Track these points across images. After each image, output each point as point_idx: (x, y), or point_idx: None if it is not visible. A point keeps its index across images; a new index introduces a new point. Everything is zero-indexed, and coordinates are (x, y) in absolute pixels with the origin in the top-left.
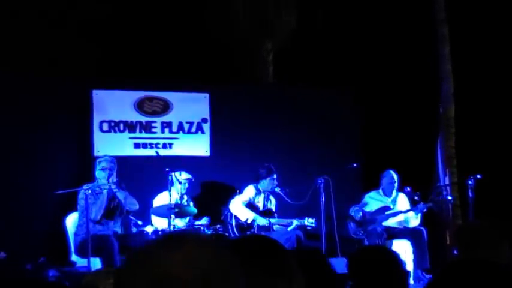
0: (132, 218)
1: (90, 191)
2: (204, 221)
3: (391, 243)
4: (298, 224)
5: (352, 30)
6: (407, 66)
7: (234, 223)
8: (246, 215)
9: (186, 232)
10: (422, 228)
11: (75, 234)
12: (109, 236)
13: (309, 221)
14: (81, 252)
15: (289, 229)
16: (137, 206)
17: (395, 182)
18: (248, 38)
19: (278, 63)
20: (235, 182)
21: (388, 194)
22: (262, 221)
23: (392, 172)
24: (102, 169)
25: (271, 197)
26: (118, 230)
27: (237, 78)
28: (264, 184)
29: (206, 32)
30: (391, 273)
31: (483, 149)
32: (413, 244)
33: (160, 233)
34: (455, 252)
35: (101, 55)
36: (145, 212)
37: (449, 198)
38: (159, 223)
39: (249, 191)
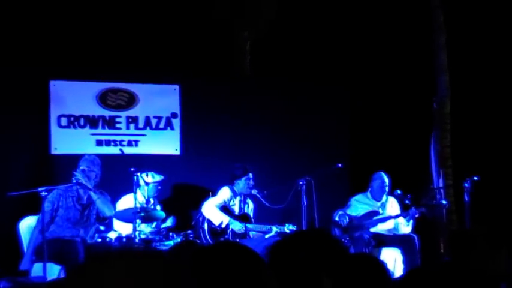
0: None
1: (61, 191)
2: (169, 222)
3: (380, 252)
4: (278, 231)
5: (339, 17)
6: (399, 58)
7: (206, 228)
8: (220, 218)
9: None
10: (414, 235)
11: (36, 238)
12: (75, 242)
13: (289, 228)
14: (40, 256)
15: (267, 236)
16: (113, 212)
17: (386, 185)
18: (223, 24)
19: (256, 53)
20: (208, 184)
21: (377, 197)
22: (237, 226)
23: (383, 174)
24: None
25: (249, 201)
26: (87, 237)
27: (211, 69)
28: (240, 185)
29: (176, 18)
30: (377, 285)
31: (481, 149)
32: (404, 252)
33: (124, 239)
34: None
35: (59, 42)
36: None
37: (444, 202)
38: (123, 228)
39: (224, 193)
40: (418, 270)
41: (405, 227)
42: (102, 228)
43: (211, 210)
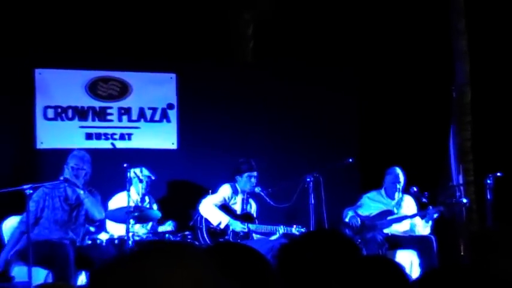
0: None
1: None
2: (168, 226)
3: (394, 254)
4: (284, 232)
5: None
6: (415, 43)
7: (204, 228)
8: (218, 217)
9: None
10: (432, 236)
11: (19, 239)
12: (64, 245)
13: (297, 229)
14: (26, 260)
15: (272, 238)
16: (103, 215)
17: (400, 182)
18: (223, 6)
19: (259, 38)
20: (207, 181)
21: (391, 195)
22: (238, 226)
23: (398, 169)
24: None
25: (251, 201)
26: (77, 239)
27: (210, 55)
28: (242, 183)
29: (172, 0)
30: None
31: (504, 142)
32: (421, 255)
33: (117, 241)
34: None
35: (45, 26)
36: None
37: (464, 200)
38: (115, 230)
39: (224, 191)
40: (435, 272)
41: (423, 229)
42: (92, 229)
43: (208, 209)
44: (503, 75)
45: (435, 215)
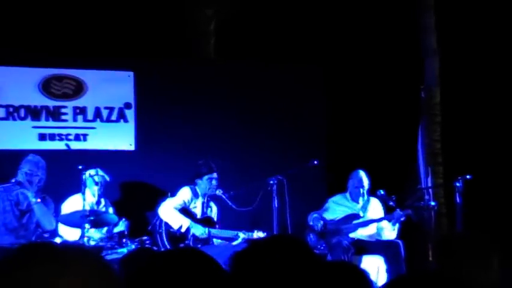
0: None
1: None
2: (121, 225)
3: (360, 260)
4: (246, 237)
5: None
6: (383, 41)
7: (164, 232)
8: (179, 221)
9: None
10: (399, 241)
11: None
12: None
13: (258, 234)
14: None
15: (234, 243)
16: (53, 226)
17: (363, 186)
18: (183, 2)
19: (221, 35)
20: (167, 184)
21: (355, 199)
22: (199, 230)
23: (361, 173)
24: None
25: (212, 204)
26: None
27: (169, 53)
28: (202, 185)
29: None
30: None
31: (475, 144)
32: (388, 260)
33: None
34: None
35: None
36: None
37: (432, 203)
38: (69, 234)
39: (184, 194)
40: (402, 279)
41: (390, 232)
42: (46, 235)
43: (169, 212)
44: (474, 74)
45: (402, 219)
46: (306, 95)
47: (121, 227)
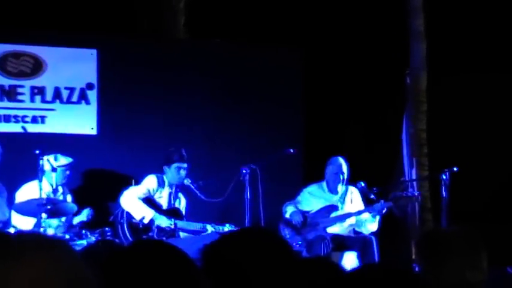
0: None
1: None
2: (84, 215)
3: (341, 257)
4: (214, 231)
5: None
6: (367, 22)
7: (125, 223)
8: (141, 211)
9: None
10: (372, 236)
11: None
12: None
13: (229, 228)
14: None
15: (203, 234)
16: (6, 216)
17: (343, 172)
18: None
19: (193, 13)
20: (131, 171)
21: (333, 189)
22: (164, 222)
23: (341, 159)
24: None
25: (181, 195)
26: None
27: (136, 30)
28: (170, 174)
29: None
30: None
31: (462, 134)
32: (360, 257)
33: None
34: (418, 269)
35: None
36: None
37: (416, 193)
38: (24, 224)
39: (149, 182)
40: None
41: (371, 224)
42: None
43: (131, 202)
44: (464, 59)
45: (384, 210)
46: (283, 77)
47: (82, 216)
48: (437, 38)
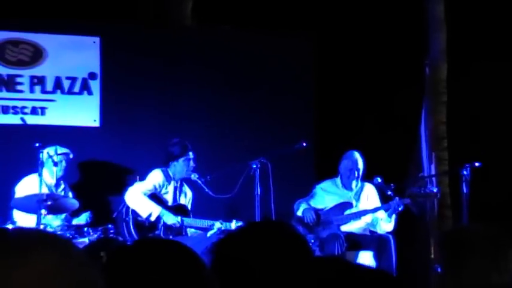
0: None
1: None
2: (83, 218)
3: (356, 256)
4: (222, 228)
5: None
6: (383, 9)
7: (131, 221)
8: (148, 208)
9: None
10: (389, 235)
11: None
12: None
13: (237, 224)
14: None
15: (209, 234)
16: None
17: (358, 168)
18: None
19: None
20: (135, 165)
21: (347, 185)
22: (171, 219)
23: (356, 154)
24: None
25: (186, 189)
26: None
27: (141, 17)
28: (176, 168)
29: None
30: None
31: (484, 127)
32: (377, 257)
33: None
34: (439, 270)
35: None
36: (3, 204)
37: (434, 190)
38: (23, 220)
39: (155, 177)
40: None
41: (386, 224)
42: None
43: (137, 199)
44: (485, 48)
45: (400, 208)
46: (294, 67)
47: (81, 219)
48: (458, 26)
